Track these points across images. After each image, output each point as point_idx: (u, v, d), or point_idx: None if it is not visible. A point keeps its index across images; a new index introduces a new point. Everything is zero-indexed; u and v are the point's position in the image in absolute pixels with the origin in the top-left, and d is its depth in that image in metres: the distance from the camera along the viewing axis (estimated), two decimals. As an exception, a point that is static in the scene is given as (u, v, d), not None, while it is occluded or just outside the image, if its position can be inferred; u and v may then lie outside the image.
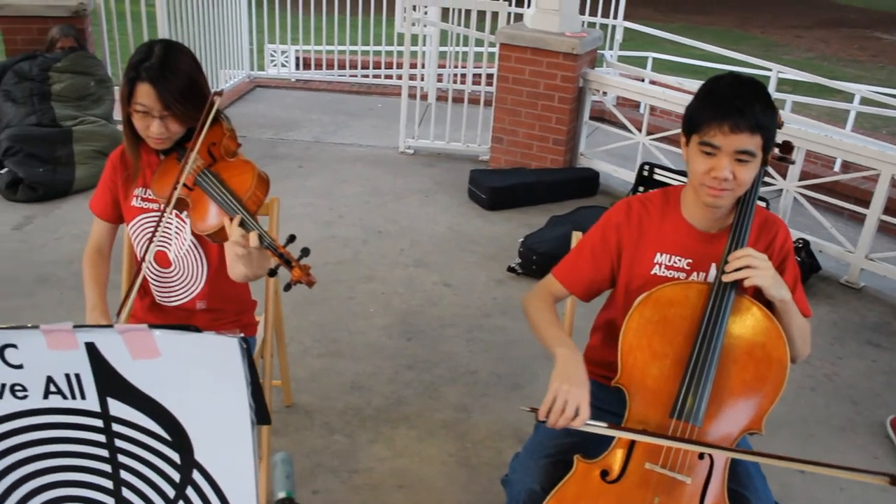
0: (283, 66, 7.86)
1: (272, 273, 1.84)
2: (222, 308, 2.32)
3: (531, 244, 4.19)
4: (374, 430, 2.94)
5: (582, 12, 5.94)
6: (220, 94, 2.00)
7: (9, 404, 1.27)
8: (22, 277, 3.86)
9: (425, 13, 6.43)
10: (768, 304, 1.84)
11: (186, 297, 2.25)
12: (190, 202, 2.04)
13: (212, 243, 2.15)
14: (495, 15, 5.67)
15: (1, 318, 3.46)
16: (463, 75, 6.08)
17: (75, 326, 1.20)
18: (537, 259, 4.12)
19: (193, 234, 2.15)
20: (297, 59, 8.00)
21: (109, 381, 1.26)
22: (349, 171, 5.51)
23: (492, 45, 5.75)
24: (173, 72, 1.99)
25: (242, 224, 1.87)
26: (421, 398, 3.14)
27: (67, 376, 1.25)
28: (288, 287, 1.82)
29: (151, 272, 2.24)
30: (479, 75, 6.27)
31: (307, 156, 5.76)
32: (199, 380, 1.24)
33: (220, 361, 1.21)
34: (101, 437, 1.31)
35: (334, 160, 5.70)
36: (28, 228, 4.37)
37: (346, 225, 4.65)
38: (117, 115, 5.45)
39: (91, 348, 1.22)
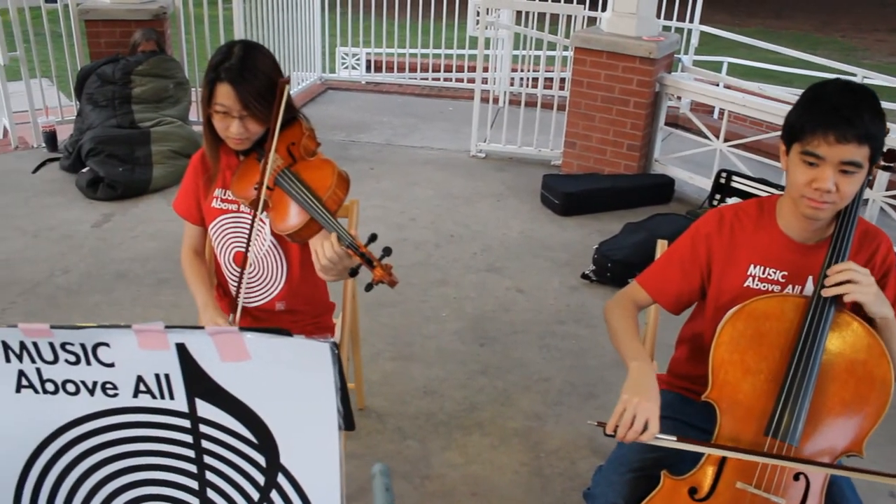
0: (354, 68, 7.92)
1: (353, 273, 1.83)
2: (302, 310, 2.31)
3: (606, 251, 4.11)
4: (447, 435, 2.91)
5: (657, 16, 5.82)
6: (287, 81, 2.00)
7: (100, 402, 1.27)
8: (101, 274, 3.94)
9: (498, 16, 6.39)
10: (868, 320, 1.75)
11: (263, 299, 2.25)
12: (271, 202, 2.04)
13: (292, 243, 2.15)
14: (570, 18, 5.60)
15: (81, 314, 3.54)
16: (535, 79, 6.01)
17: (167, 327, 1.20)
18: (612, 266, 4.03)
19: (273, 234, 2.15)
20: (368, 61, 8.05)
21: (198, 383, 1.25)
22: (420, 173, 5.50)
23: (565, 48, 5.68)
24: (252, 72, 1.99)
25: (338, 238, 1.85)
26: (493, 405, 3.10)
27: (157, 376, 1.25)
28: (370, 287, 1.80)
29: (230, 273, 2.25)
30: (552, 79, 6.21)
31: (378, 158, 5.77)
32: (288, 383, 1.22)
33: (311, 366, 1.19)
34: (188, 438, 1.30)
35: (405, 163, 5.70)
36: (107, 226, 4.47)
37: (417, 228, 4.63)
38: (193, 115, 5.55)
39: (181, 349, 1.22)
